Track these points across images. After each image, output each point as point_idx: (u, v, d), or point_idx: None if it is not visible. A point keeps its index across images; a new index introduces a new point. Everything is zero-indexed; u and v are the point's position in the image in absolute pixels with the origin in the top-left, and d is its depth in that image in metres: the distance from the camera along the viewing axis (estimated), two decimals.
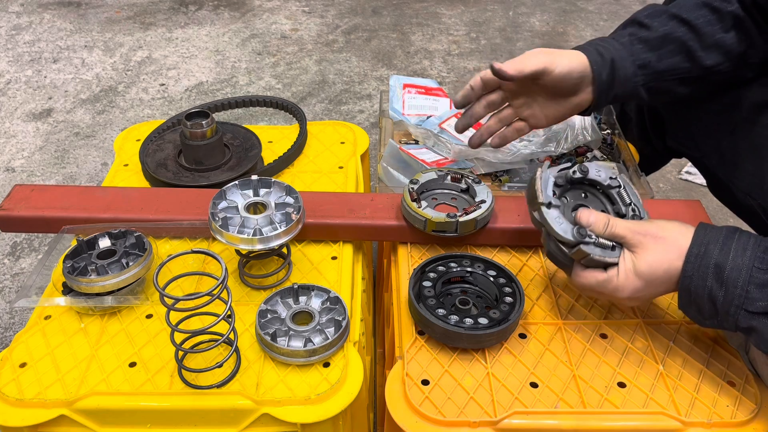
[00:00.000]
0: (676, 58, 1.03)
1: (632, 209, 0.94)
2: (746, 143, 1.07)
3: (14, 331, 1.64)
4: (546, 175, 0.91)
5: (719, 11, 1.02)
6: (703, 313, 0.83)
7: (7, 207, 1.13)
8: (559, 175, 0.93)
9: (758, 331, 0.79)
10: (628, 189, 0.95)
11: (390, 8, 3.23)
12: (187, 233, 1.13)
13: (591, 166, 0.95)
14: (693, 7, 1.03)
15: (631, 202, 0.94)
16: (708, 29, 1.02)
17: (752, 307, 0.78)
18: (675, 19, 1.03)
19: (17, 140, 2.29)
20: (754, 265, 0.78)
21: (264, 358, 0.93)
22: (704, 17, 1.02)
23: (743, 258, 0.79)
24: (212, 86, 2.60)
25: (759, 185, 1.05)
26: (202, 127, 1.21)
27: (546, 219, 0.89)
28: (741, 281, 0.78)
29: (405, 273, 1.07)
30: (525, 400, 0.87)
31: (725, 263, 0.80)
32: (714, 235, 0.82)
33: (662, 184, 2.13)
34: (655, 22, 1.04)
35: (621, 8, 3.25)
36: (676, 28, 1.03)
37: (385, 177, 1.28)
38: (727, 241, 0.81)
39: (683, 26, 1.03)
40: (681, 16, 1.03)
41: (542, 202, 0.89)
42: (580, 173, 0.94)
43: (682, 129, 1.23)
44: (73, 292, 0.98)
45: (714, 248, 0.81)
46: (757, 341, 0.81)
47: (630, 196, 0.95)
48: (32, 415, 0.86)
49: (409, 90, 1.51)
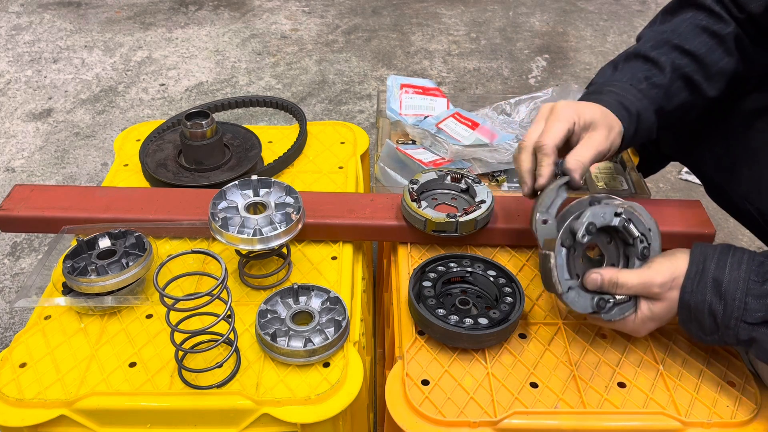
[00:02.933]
0: (683, 95, 1.03)
1: (640, 240, 0.92)
2: (741, 148, 1.07)
3: (14, 331, 1.64)
4: (561, 261, 0.89)
5: (718, 35, 1.01)
6: (704, 329, 0.85)
7: (7, 207, 1.13)
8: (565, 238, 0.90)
9: (758, 341, 0.80)
10: (634, 219, 0.92)
11: (390, 8, 3.23)
12: (187, 233, 1.13)
13: (595, 216, 0.90)
14: (692, 35, 1.02)
15: (639, 234, 0.92)
16: (710, 58, 1.01)
17: (751, 318, 0.80)
18: (677, 51, 1.02)
19: (17, 140, 2.29)
20: (750, 277, 0.80)
21: (264, 358, 0.93)
22: (705, 45, 1.01)
23: (739, 271, 0.81)
24: (212, 86, 2.60)
25: (755, 190, 1.05)
26: (202, 127, 1.21)
27: (567, 303, 0.90)
28: (739, 293, 0.80)
29: (405, 273, 1.07)
30: (525, 400, 0.87)
31: (722, 277, 0.82)
32: (710, 252, 0.85)
33: (662, 184, 2.13)
34: (662, 57, 1.02)
35: (621, 8, 3.25)
36: (680, 62, 1.01)
37: (382, 177, 1.28)
38: (722, 257, 0.83)
39: (686, 57, 1.01)
40: (683, 47, 1.02)
41: (562, 293, 0.89)
42: (588, 235, 0.89)
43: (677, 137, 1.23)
44: (73, 292, 0.98)
45: (711, 264, 0.83)
46: (758, 352, 0.82)
47: (637, 227, 0.92)
48: (32, 415, 0.86)
49: (407, 90, 1.51)
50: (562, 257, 0.90)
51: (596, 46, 2.93)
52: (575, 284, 0.90)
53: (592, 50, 2.90)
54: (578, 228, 0.89)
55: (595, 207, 0.91)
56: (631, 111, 0.98)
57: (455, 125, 1.41)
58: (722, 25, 1.01)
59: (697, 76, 1.02)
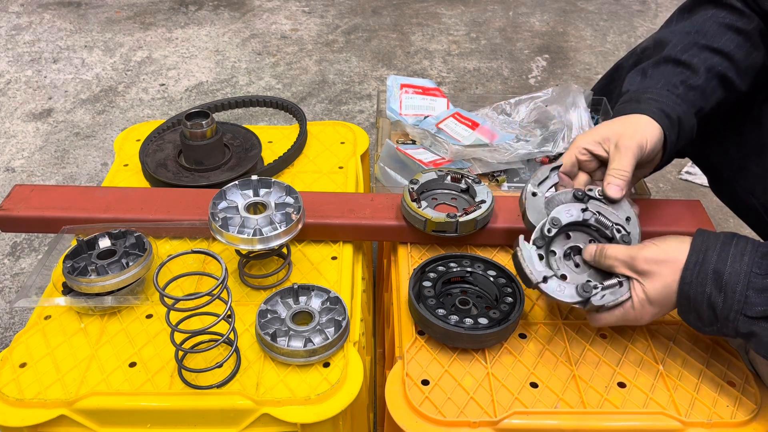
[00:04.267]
0: (718, 93, 1.03)
1: (617, 230, 0.93)
2: (753, 143, 1.07)
3: (14, 331, 1.64)
4: (527, 253, 0.90)
5: (744, 31, 1.01)
6: (702, 320, 0.84)
7: (7, 207, 1.13)
8: (537, 238, 0.92)
9: (758, 335, 0.79)
10: (603, 212, 0.94)
11: (390, 8, 3.23)
12: (187, 233, 1.13)
13: (559, 212, 0.93)
14: (719, 33, 1.02)
15: (613, 224, 0.93)
16: (740, 54, 1.01)
17: (751, 312, 0.78)
18: (707, 51, 1.02)
19: (17, 140, 2.29)
20: (753, 270, 0.79)
21: (264, 358, 0.93)
22: (733, 42, 1.01)
23: (741, 263, 0.80)
24: (212, 86, 2.60)
25: (762, 184, 1.05)
26: (202, 127, 1.21)
27: (548, 294, 0.89)
28: (740, 286, 0.79)
29: (405, 273, 1.07)
30: (525, 400, 0.87)
31: (723, 269, 0.80)
32: (712, 242, 0.83)
33: (662, 184, 2.13)
34: (695, 60, 1.02)
35: (621, 8, 3.25)
36: (712, 62, 1.01)
37: (382, 177, 1.28)
38: (725, 247, 0.82)
39: (717, 56, 1.01)
40: (712, 47, 1.02)
41: (537, 282, 0.89)
42: (553, 228, 0.92)
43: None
44: (73, 292, 0.98)
45: (712, 254, 0.82)
46: (757, 346, 0.81)
47: (608, 218, 0.94)
48: (32, 415, 0.86)
49: (407, 90, 1.51)
50: (528, 250, 0.91)
51: (596, 46, 2.93)
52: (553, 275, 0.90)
53: (592, 50, 2.90)
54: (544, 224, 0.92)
55: (561, 205, 0.94)
56: (672, 117, 0.98)
57: (455, 125, 1.41)
58: (746, 20, 1.02)
59: (731, 73, 1.02)
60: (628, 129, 0.96)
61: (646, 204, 1.14)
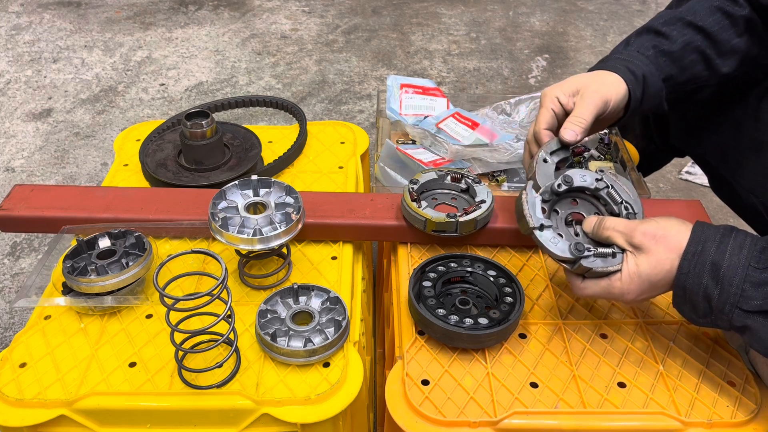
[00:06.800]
0: (696, 68, 1.04)
1: (625, 207, 0.93)
2: (749, 140, 1.07)
3: (14, 331, 1.64)
4: (531, 198, 0.91)
5: (732, 16, 1.03)
6: (697, 312, 0.83)
7: (7, 207, 1.13)
8: (545, 190, 0.92)
9: (752, 329, 0.79)
10: (617, 187, 0.94)
11: (390, 8, 3.23)
12: (187, 233, 1.13)
13: (574, 173, 0.94)
14: (706, 13, 1.04)
15: (623, 200, 0.94)
16: (723, 35, 1.03)
17: (747, 305, 0.78)
18: (690, 27, 1.04)
19: (17, 140, 2.29)
20: (750, 263, 0.78)
21: (264, 358, 0.93)
22: (718, 23, 1.03)
23: (739, 256, 0.79)
24: (212, 86, 2.60)
25: (761, 182, 1.05)
26: (202, 127, 1.21)
27: (541, 242, 0.89)
28: (737, 279, 0.78)
29: (405, 273, 1.07)
30: (525, 400, 0.87)
31: (721, 261, 0.80)
32: (711, 233, 0.82)
33: (662, 184, 2.13)
34: (673, 32, 1.04)
35: (621, 8, 3.25)
36: (693, 37, 1.03)
37: (382, 177, 1.28)
38: (724, 240, 0.81)
39: (699, 34, 1.03)
40: (696, 24, 1.03)
41: (534, 227, 0.89)
42: (564, 185, 0.93)
43: (686, 127, 1.23)
44: (73, 292, 0.98)
45: (711, 246, 0.81)
46: (751, 340, 0.81)
47: (620, 194, 0.94)
48: (32, 415, 0.86)
49: (407, 90, 1.51)
50: (533, 196, 0.91)
51: (596, 46, 2.93)
52: (551, 224, 0.90)
53: (592, 50, 2.90)
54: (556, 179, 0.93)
55: (577, 168, 0.95)
56: (636, 74, 1.01)
57: (455, 125, 1.41)
58: (737, 7, 1.03)
59: (710, 51, 1.03)
60: (595, 83, 0.99)
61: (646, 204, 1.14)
